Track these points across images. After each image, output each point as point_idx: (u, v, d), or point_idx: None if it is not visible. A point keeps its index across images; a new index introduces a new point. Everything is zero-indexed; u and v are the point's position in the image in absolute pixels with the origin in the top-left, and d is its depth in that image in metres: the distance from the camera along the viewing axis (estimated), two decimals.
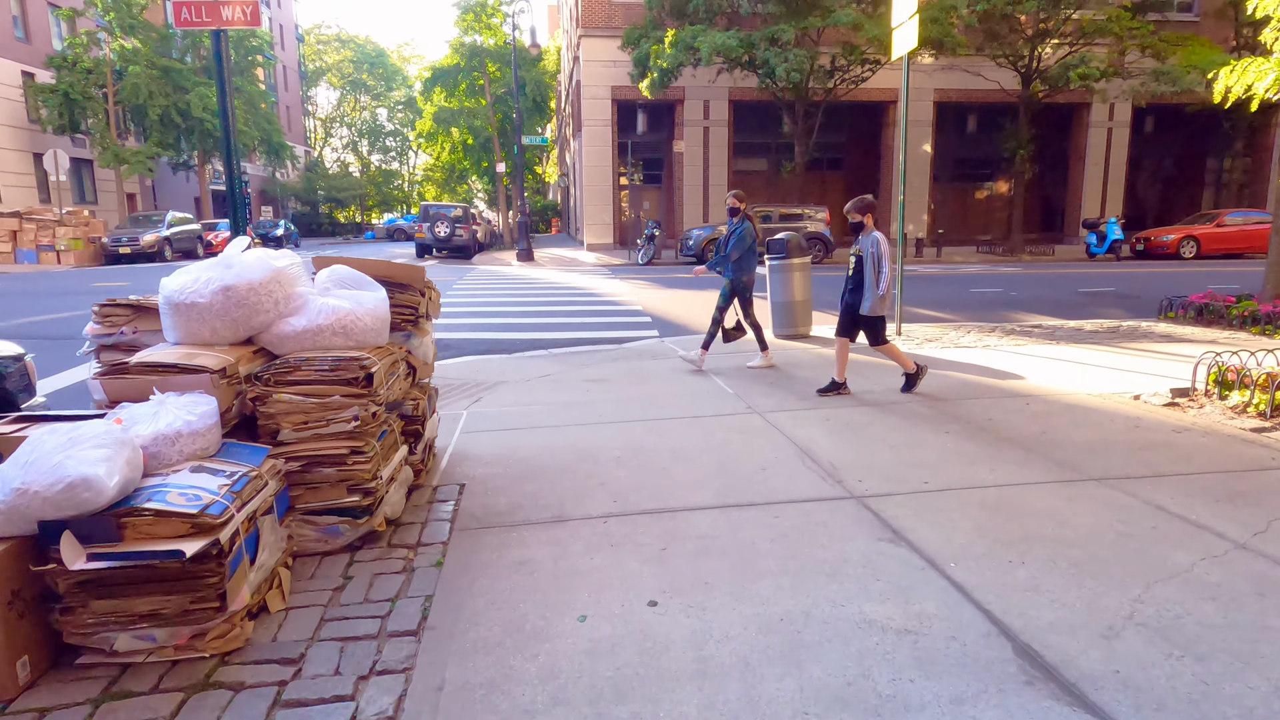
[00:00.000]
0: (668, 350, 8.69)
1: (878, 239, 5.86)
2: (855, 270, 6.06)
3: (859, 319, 6.12)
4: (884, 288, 5.83)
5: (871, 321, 6.10)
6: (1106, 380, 6.59)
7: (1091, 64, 20.84)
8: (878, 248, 5.83)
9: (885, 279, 5.81)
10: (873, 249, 5.85)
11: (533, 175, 58.42)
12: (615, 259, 23.50)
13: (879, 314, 6.00)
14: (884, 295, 5.89)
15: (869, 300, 5.93)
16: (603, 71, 26.06)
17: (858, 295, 6.06)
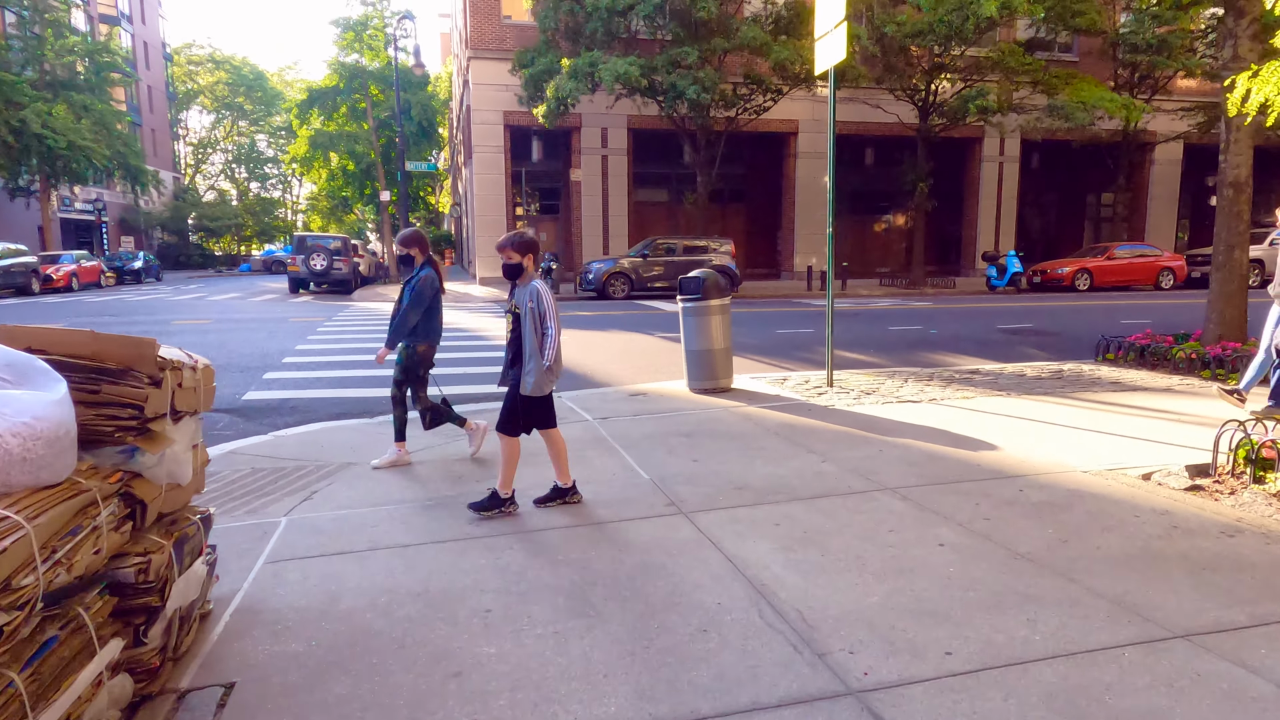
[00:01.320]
0: (565, 411, 7.19)
1: (537, 290, 4.34)
2: (514, 333, 4.45)
3: (522, 402, 4.46)
4: (550, 355, 4.30)
5: (537, 404, 4.50)
6: (1094, 450, 5.50)
7: (989, 97, 20.84)
8: (539, 301, 4.29)
9: (552, 344, 4.29)
10: (532, 303, 4.29)
11: (424, 206, 56.11)
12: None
13: (543, 393, 4.44)
14: (551, 367, 4.34)
15: (532, 375, 4.32)
16: (494, 95, 24.57)
17: (519, 368, 4.42)
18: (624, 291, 20.58)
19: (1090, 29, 22.46)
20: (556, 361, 4.38)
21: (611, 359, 10.53)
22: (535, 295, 4.32)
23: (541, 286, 4.39)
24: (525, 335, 4.35)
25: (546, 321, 4.31)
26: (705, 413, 6.97)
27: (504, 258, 4.43)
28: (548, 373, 4.37)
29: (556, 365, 4.40)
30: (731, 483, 4.87)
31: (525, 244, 4.42)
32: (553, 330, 4.31)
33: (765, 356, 10.69)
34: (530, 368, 4.34)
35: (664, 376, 9.24)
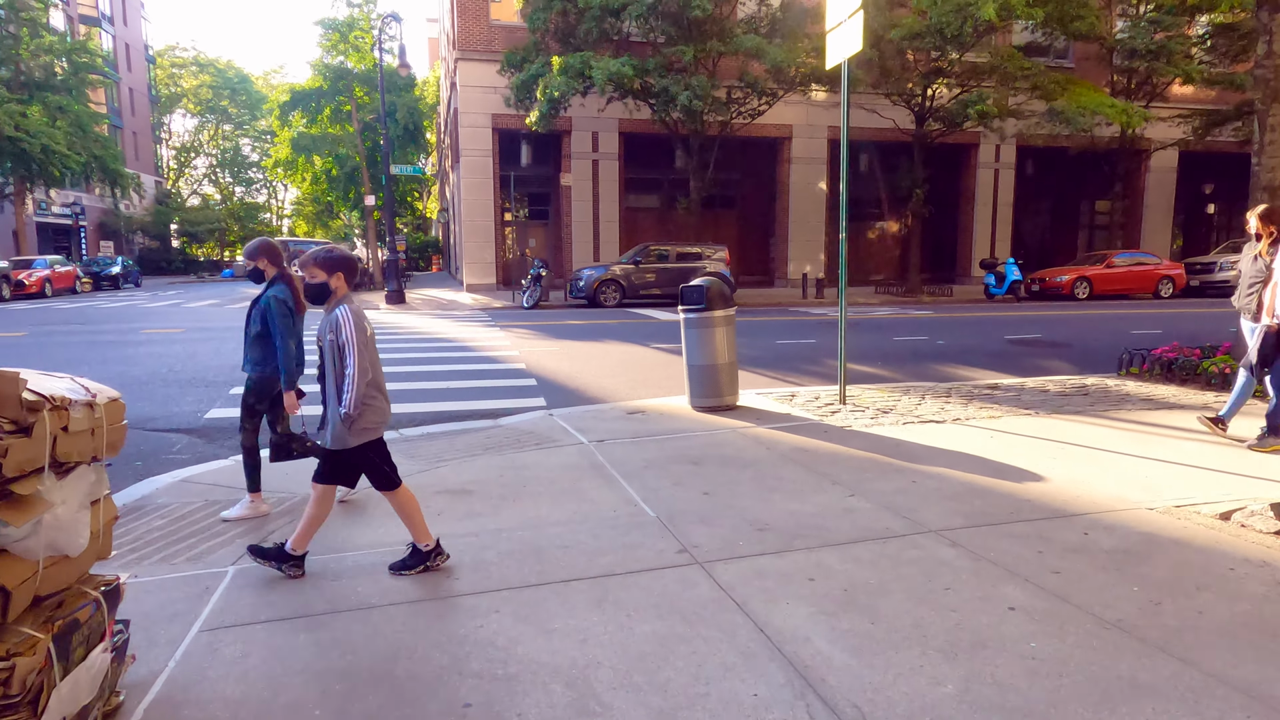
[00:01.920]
0: (557, 431, 6.57)
1: (338, 318, 3.48)
2: (321, 371, 3.64)
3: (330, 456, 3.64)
4: (350, 401, 3.41)
5: (356, 458, 3.61)
6: (1151, 481, 4.93)
7: (988, 102, 20.40)
8: (339, 331, 3.46)
9: (352, 386, 3.41)
10: (331, 334, 3.48)
11: (412, 211, 55.40)
12: (498, 301, 21.24)
13: (347, 445, 3.54)
14: (352, 413, 3.44)
15: (331, 425, 3.53)
16: (482, 98, 23.95)
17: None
18: (616, 299, 19.97)
19: (1089, 34, 22.08)
20: (358, 407, 3.44)
21: (605, 372, 9.91)
22: (335, 325, 3.47)
23: (346, 314, 3.48)
24: (327, 371, 3.54)
25: (346, 357, 3.44)
26: (712, 435, 6.36)
27: (307, 276, 3.62)
28: (349, 422, 3.47)
29: (368, 414, 3.53)
30: (750, 522, 4.26)
31: (332, 261, 3.58)
32: (353, 368, 3.42)
33: (768, 370, 10.10)
34: (329, 415, 3.53)
35: (662, 392, 8.63)
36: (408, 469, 5.49)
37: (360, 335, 3.49)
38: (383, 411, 3.68)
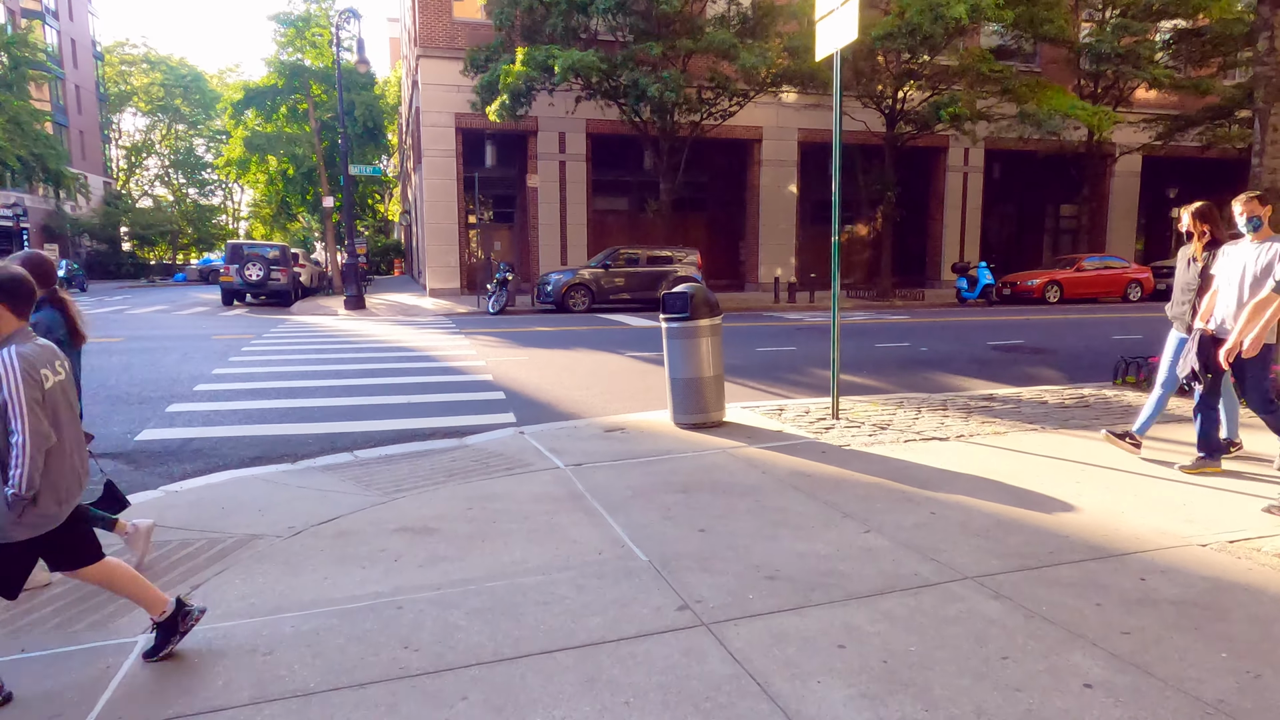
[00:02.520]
0: (529, 453, 5.96)
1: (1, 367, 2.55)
2: None
3: None
4: (20, 479, 2.52)
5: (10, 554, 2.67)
6: (1193, 509, 4.48)
7: (960, 104, 20.20)
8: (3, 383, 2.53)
9: (21, 460, 2.53)
10: None
11: (373, 214, 54.21)
12: (462, 306, 20.50)
13: (9, 539, 2.62)
14: (23, 495, 2.54)
15: None
16: (445, 97, 23.19)
17: None
18: (585, 304, 19.36)
19: (1058, 38, 22.05)
20: (32, 486, 2.55)
21: (578, 384, 9.31)
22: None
23: (10, 361, 2.54)
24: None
25: (11, 420, 2.53)
26: (701, 457, 5.80)
27: None
28: (17, 508, 2.56)
29: (43, 498, 2.63)
30: (757, 567, 3.70)
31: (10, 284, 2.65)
32: (19, 435, 2.52)
33: (751, 380, 9.58)
34: None
35: (640, 405, 8.06)
36: (361, 501, 4.86)
37: (29, 389, 2.54)
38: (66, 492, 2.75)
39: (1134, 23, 22.72)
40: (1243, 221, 4.83)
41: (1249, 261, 4.75)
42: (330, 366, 10.42)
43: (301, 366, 10.42)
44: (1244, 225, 4.84)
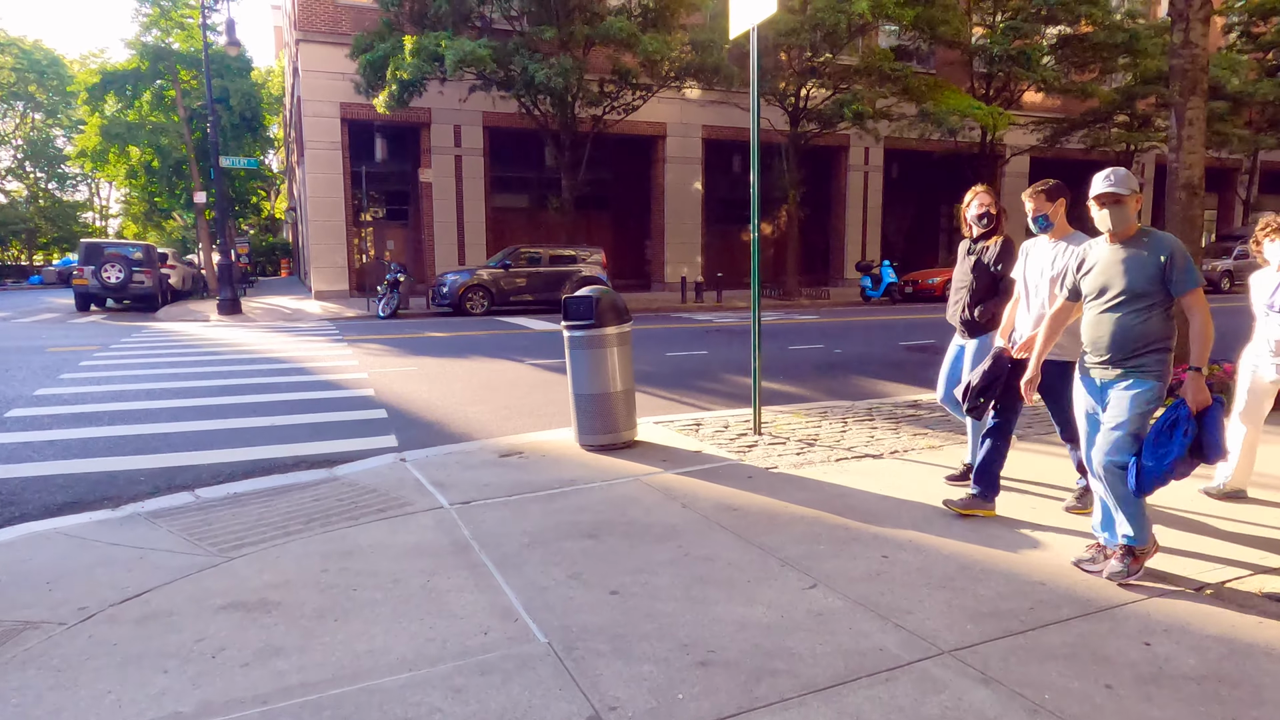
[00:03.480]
0: (409, 488, 5.03)
1: None
2: None
3: None
4: None
5: None
6: (1163, 537, 3.98)
7: (863, 102, 20.14)
8: None
9: None
10: None
11: (257, 212, 51.07)
12: (350, 310, 19.05)
13: None
14: None
15: None
16: (328, 85, 21.60)
17: None
18: (484, 307, 18.28)
19: (954, 39, 22.35)
20: None
21: (473, 396, 8.37)
22: None
23: None
24: None
25: None
26: (611, 488, 5.00)
27: None
28: None
29: None
30: (686, 647, 2.93)
31: None
32: None
33: (663, 389, 8.86)
34: None
35: (542, 421, 7.22)
36: (187, 563, 3.85)
37: None
38: None
39: (1024, 24, 23.27)
40: (1030, 220, 4.19)
41: (1045, 265, 4.13)
42: (183, 383, 9.10)
43: (148, 384, 9.05)
44: (1032, 225, 4.19)
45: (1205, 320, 3.26)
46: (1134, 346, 3.35)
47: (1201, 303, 3.28)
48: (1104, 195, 3.38)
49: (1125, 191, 3.35)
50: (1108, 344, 3.41)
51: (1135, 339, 3.34)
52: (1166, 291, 3.31)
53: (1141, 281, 3.33)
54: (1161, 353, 3.34)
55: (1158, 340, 3.34)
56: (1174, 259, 3.28)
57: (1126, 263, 3.37)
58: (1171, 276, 3.29)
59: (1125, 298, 3.36)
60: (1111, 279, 3.41)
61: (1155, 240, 3.37)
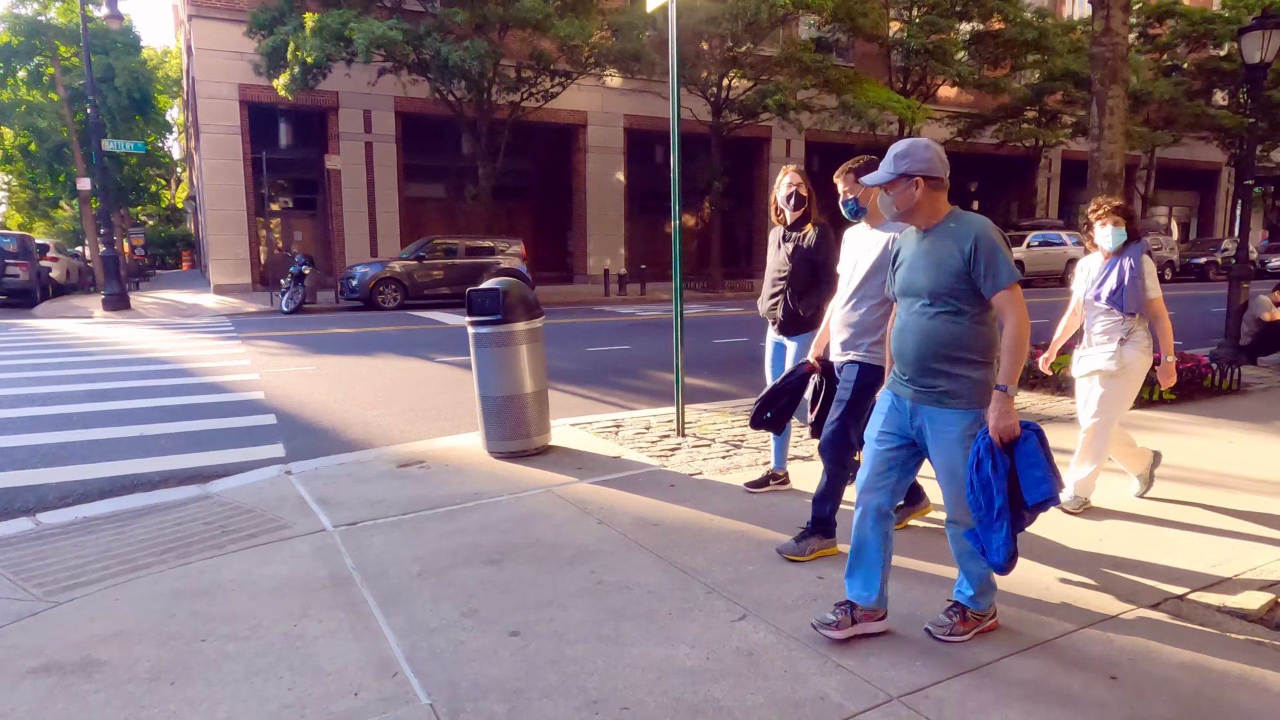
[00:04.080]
0: (290, 506, 4.43)
1: None
2: None
3: None
4: None
5: None
6: (1106, 539, 3.73)
7: (786, 93, 20.01)
8: None
9: None
10: None
11: (155, 201, 48.20)
12: (252, 305, 17.89)
13: None
14: None
15: None
16: (225, 65, 20.25)
17: None
18: (396, 301, 17.41)
19: (873, 32, 22.47)
20: None
21: (375, 399, 7.72)
22: None
23: None
24: None
25: None
26: (519, 502, 4.51)
27: None
28: None
29: None
30: (598, 705, 2.48)
31: None
32: None
33: (582, 387, 8.38)
34: None
35: (450, 424, 6.66)
36: (9, 594, 3.18)
37: None
38: None
39: (939, 20, 23.59)
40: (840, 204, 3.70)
41: (862, 257, 3.55)
42: (46, 388, 8.15)
43: (3, 390, 8.07)
44: (843, 209, 3.72)
45: (1018, 328, 2.56)
46: (942, 358, 2.67)
47: (1014, 305, 2.58)
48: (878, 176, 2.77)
49: (895, 172, 2.68)
50: (913, 355, 2.72)
51: (941, 349, 2.66)
52: (979, 291, 2.63)
53: (944, 279, 2.65)
54: (977, 368, 2.65)
55: (970, 352, 2.66)
56: (978, 249, 2.59)
57: (929, 256, 2.70)
58: (977, 272, 2.60)
59: (928, 300, 2.69)
60: (914, 276, 2.74)
61: (961, 227, 2.67)
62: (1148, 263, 4.13)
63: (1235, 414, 6.57)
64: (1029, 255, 24.78)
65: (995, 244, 2.61)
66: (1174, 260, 27.66)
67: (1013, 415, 2.55)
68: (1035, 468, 2.51)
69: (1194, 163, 35.08)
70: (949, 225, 2.70)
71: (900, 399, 2.82)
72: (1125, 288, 4.08)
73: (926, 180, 2.68)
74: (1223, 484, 4.67)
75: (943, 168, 2.72)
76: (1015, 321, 2.57)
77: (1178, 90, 27.53)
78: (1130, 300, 4.08)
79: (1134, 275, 4.08)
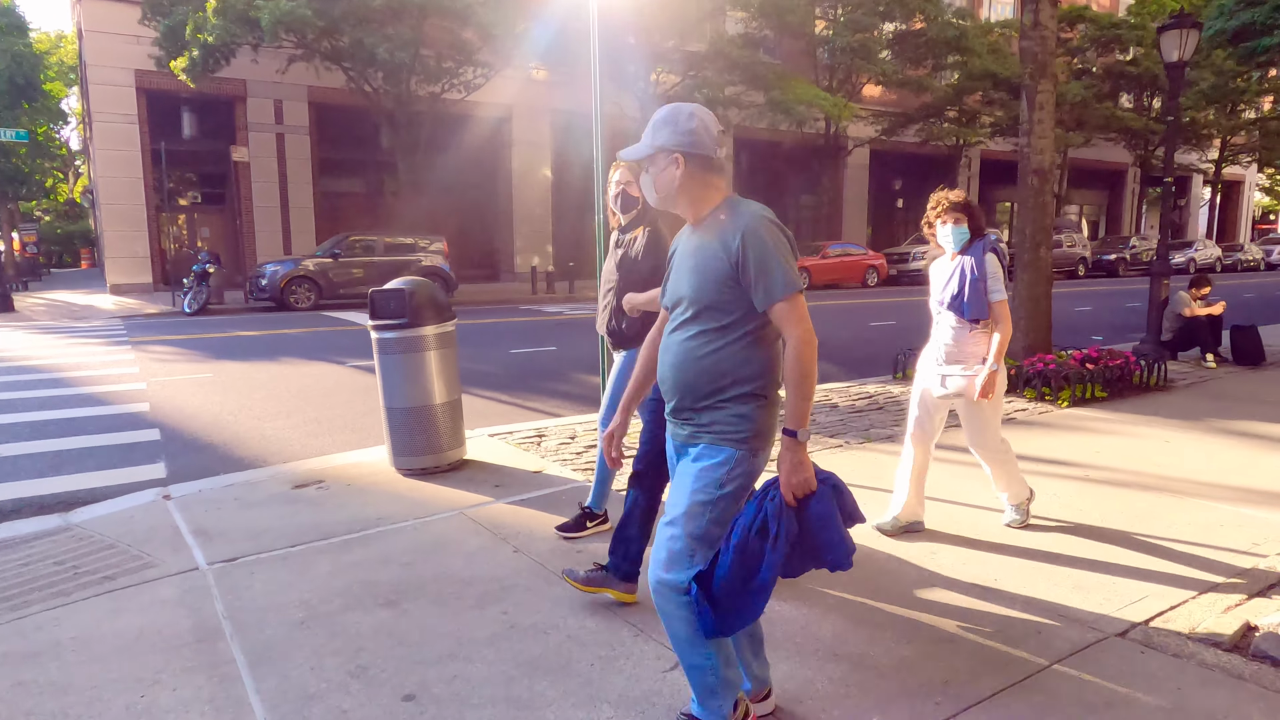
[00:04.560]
0: (160, 538, 3.87)
1: None
2: None
3: None
4: None
5: None
6: (1074, 572, 3.50)
7: (715, 88, 19.83)
8: None
9: None
10: None
11: (51, 195, 45.30)
12: (153, 306, 16.73)
13: None
14: None
15: None
16: (120, 49, 18.90)
17: None
18: (310, 301, 16.52)
19: (799, 28, 22.49)
20: None
21: (278, 408, 7.09)
22: None
23: None
24: None
25: None
26: (427, 529, 4.04)
27: None
28: None
29: None
30: None
31: None
32: None
33: (503, 392, 7.90)
34: None
35: (358, 437, 6.11)
36: None
37: None
38: None
39: (863, 18, 23.78)
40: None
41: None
42: None
43: None
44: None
45: (800, 351, 2.00)
46: (702, 390, 2.09)
47: (794, 321, 2.00)
48: None
49: (652, 145, 2.13)
50: (670, 385, 2.16)
51: (701, 378, 2.08)
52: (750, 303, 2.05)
53: (708, 287, 2.07)
54: (746, 403, 2.07)
55: (738, 382, 2.07)
56: (746, 249, 2.01)
57: (695, 257, 2.12)
58: (746, 278, 2.02)
59: (691, 312, 2.11)
60: (678, 283, 2.17)
61: (731, 221, 2.07)
62: (992, 262, 3.66)
63: (1166, 411, 6.54)
64: None
65: (766, 243, 2.00)
66: (1086, 257, 28.61)
67: (807, 466, 1.98)
68: (826, 530, 1.99)
69: (1103, 163, 36.42)
70: (719, 218, 2.10)
71: (673, 446, 2.23)
72: (970, 292, 3.64)
73: (688, 158, 2.08)
74: (1167, 488, 4.53)
75: (711, 142, 2.11)
76: (797, 343, 1.99)
77: (1089, 93, 28.45)
78: (973, 305, 3.63)
79: (975, 278, 3.63)
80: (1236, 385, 7.74)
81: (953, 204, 3.72)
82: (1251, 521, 3.95)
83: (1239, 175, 42.32)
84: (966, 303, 3.66)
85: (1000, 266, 3.69)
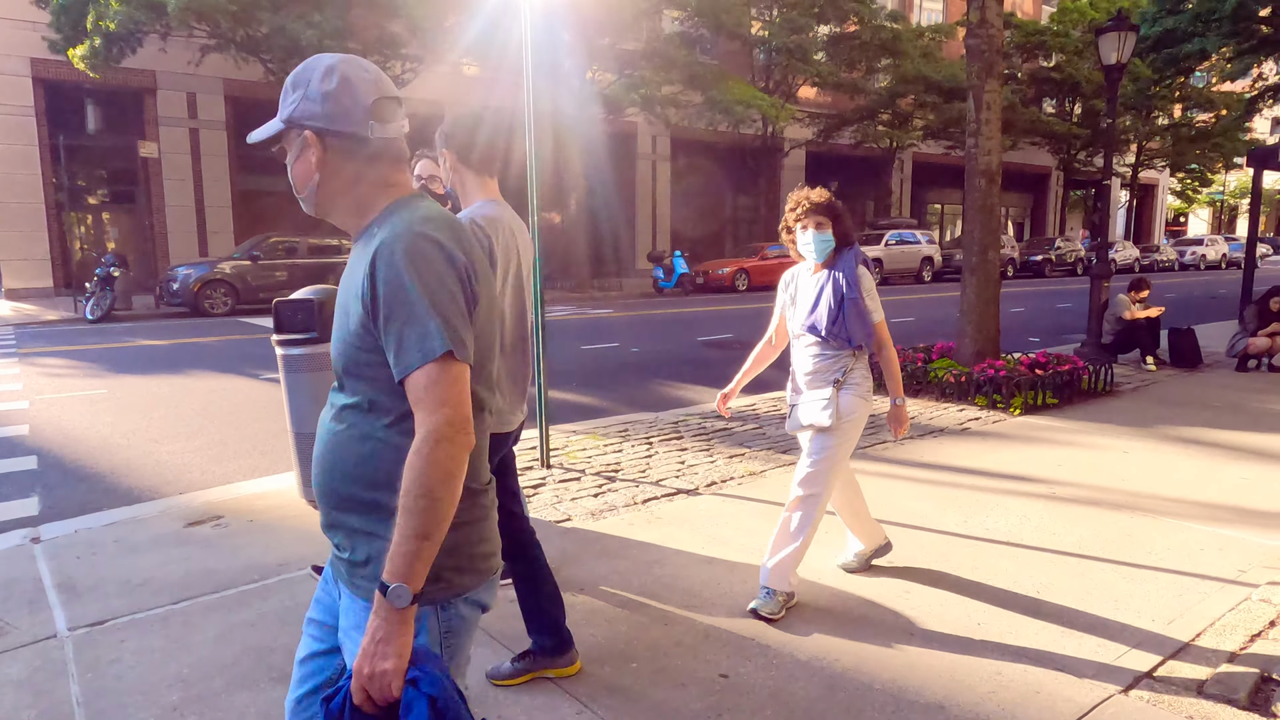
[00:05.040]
0: (17, 598, 3.28)
1: None
2: None
3: None
4: None
5: None
6: (1042, 585, 3.20)
7: (653, 87, 19.51)
8: None
9: None
10: None
11: None
12: (52, 313, 15.52)
13: None
14: None
15: None
16: (12, 36, 17.53)
17: None
18: (227, 306, 15.57)
19: (736, 29, 22.34)
20: None
21: (178, 429, 6.41)
22: None
23: None
24: None
25: None
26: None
27: None
28: None
29: None
30: None
31: None
32: None
33: None
34: None
35: (268, 462, 5.53)
36: None
37: None
38: None
39: (799, 18, 23.79)
40: None
41: None
42: None
43: None
44: None
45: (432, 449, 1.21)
46: (333, 499, 1.38)
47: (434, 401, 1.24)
48: None
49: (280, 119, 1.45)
50: (317, 492, 1.44)
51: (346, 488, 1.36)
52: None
53: (344, 345, 1.36)
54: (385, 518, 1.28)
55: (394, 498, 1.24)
56: (374, 284, 1.27)
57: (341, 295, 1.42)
58: (378, 329, 1.28)
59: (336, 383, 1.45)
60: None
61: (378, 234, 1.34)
62: (865, 277, 3.08)
63: (1119, 418, 6.41)
64: (887, 253, 25.45)
65: (405, 273, 1.25)
66: (1015, 258, 29.26)
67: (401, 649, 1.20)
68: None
69: (1027, 166, 37.40)
70: (372, 232, 1.36)
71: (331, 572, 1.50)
72: (845, 314, 3.02)
73: (324, 137, 1.38)
74: (1138, 506, 4.31)
75: (362, 113, 1.37)
76: (428, 438, 1.21)
77: (1015, 97, 29.12)
78: (856, 329, 3.03)
79: (853, 297, 3.02)
80: (1179, 389, 7.72)
81: (815, 205, 3.06)
82: (1231, 544, 3.74)
83: (1154, 179, 44.08)
84: (847, 326, 3.03)
85: (872, 282, 3.12)
